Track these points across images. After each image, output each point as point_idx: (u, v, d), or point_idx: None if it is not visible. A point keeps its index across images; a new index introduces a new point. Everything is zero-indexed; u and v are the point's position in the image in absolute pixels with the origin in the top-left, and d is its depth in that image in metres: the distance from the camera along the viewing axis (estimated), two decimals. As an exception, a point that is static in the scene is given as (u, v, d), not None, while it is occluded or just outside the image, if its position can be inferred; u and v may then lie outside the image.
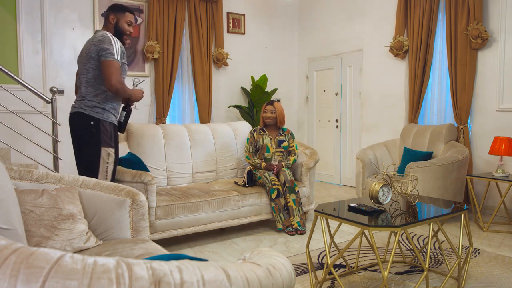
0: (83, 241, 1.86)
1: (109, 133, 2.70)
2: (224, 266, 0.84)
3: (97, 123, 2.65)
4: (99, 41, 2.64)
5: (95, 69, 2.66)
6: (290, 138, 4.04)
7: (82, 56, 2.72)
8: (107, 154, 2.67)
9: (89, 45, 2.68)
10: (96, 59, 2.65)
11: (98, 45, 2.63)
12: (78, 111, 2.67)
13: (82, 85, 2.70)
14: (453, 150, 4.07)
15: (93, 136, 2.64)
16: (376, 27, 5.50)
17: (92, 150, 2.65)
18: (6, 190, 1.48)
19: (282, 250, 3.23)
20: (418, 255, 2.18)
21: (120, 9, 2.85)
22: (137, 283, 0.70)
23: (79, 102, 2.69)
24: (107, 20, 2.82)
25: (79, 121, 2.67)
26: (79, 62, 2.78)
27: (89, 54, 2.66)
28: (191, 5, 5.55)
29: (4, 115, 4.11)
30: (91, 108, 2.66)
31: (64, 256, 0.70)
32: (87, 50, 2.68)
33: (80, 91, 2.72)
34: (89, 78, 2.67)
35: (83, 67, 2.70)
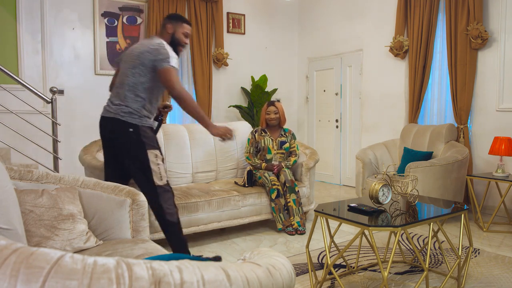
0: (83, 241, 1.86)
1: (150, 136, 2.64)
2: (224, 266, 0.84)
3: (136, 129, 2.58)
4: (155, 49, 2.57)
5: (142, 75, 2.58)
6: (291, 139, 4.04)
7: (132, 56, 2.61)
8: (155, 156, 2.61)
9: (143, 49, 2.59)
10: (147, 66, 2.57)
11: (153, 53, 2.56)
12: (115, 117, 2.57)
13: (123, 87, 2.60)
14: (453, 150, 4.07)
15: (135, 142, 2.57)
16: (376, 27, 5.50)
17: (139, 156, 2.58)
18: (6, 190, 1.48)
19: (282, 250, 3.23)
20: (418, 255, 2.18)
21: (178, 19, 2.79)
22: (137, 283, 0.70)
23: (116, 108, 2.58)
24: (163, 29, 2.76)
25: (117, 128, 2.58)
26: (124, 61, 2.67)
27: (141, 59, 2.57)
28: (191, 5, 5.55)
29: (4, 115, 4.11)
30: (129, 114, 2.57)
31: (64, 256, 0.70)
32: (139, 54, 2.58)
33: (118, 92, 2.61)
34: (132, 83, 2.59)
35: (129, 69, 2.60)
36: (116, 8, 5.18)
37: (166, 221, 2.63)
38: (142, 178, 2.60)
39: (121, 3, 5.21)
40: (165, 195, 2.61)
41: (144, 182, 2.59)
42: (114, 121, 2.58)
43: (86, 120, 5.04)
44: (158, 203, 2.59)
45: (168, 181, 2.69)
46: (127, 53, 2.70)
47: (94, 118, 5.06)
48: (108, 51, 5.17)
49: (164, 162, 2.71)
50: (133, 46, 2.72)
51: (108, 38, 5.16)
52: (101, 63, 5.13)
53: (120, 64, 2.72)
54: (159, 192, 2.58)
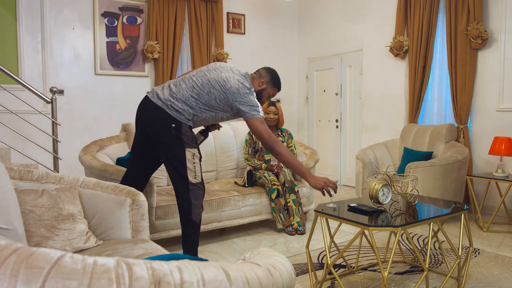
0: (83, 241, 1.86)
1: (190, 135, 2.61)
2: (224, 266, 0.84)
3: (179, 125, 2.54)
4: (240, 88, 2.55)
5: (214, 99, 2.55)
6: (288, 139, 4.04)
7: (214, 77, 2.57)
8: (192, 155, 2.58)
9: (231, 83, 2.55)
10: (227, 103, 2.56)
11: (237, 95, 2.54)
12: (162, 107, 2.52)
13: (192, 92, 2.55)
14: (453, 150, 4.07)
15: (174, 139, 2.54)
16: (376, 27, 5.50)
17: (177, 152, 2.55)
18: (6, 190, 1.48)
19: (282, 250, 3.23)
20: (418, 255, 2.18)
21: (275, 83, 2.81)
22: (137, 283, 0.70)
23: (167, 100, 2.53)
24: (258, 79, 2.75)
25: (160, 118, 2.53)
26: (207, 72, 2.62)
27: (224, 91, 2.54)
28: (191, 5, 5.55)
29: (4, 115, 4.11)
30: (176, 112, 2.53)
31: (64, 256, 0.70)
32: (225, 82, 2.55)
33: (180, 90, 2.56)
34: (203, 97, 2.55)
35: (210, 85, 2.55)
36: (116, 8, 5.18)
37: (191, 220, 2.59)
38: (176, 175, 2.57)
39: (121, 3, 5.21)
40: (197, 192, 2.59)
41: (178, 178, 2.57)
42: (158, 110, 2.53)
43: (86, 120, 5.05)
44: (188, 199, 2.55)
45: (203, 181, 2.66)
46: (210, 67, 2.65)
47: (94, 118, 5.09)
48: (108, 51, 5.17)
49: (201, 161, 2.69)
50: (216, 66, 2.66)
51: (108, 38, 5.16)
52: (101, 63, 5.13)
53: (204, 69, 2.67)
54: (191, 188, 2.56)
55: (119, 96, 5.22)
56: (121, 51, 5.24)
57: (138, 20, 5.35)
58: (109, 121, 5.08)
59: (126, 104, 5.19)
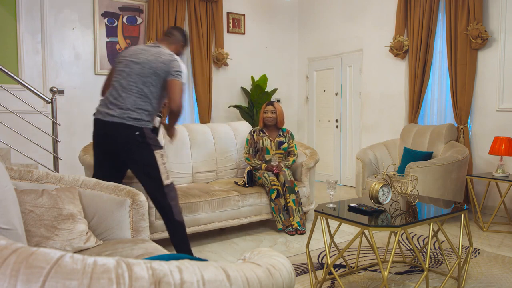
0: (83, 241, 1.86)
1: (153, 137, 2.66)
2: (224, 266, 0.84)
3: (142, 131, 2.59)
4: (169, 60, 2.63)
5: (154, 85, 2.61)
6: (289, 139, 4.04)
7: (139, 64, 2.61)
8: (161, 156, 2.63)
9: (156, 59, 2.61)
10: (161, 77, 2.61)
11: (168, 65, 2.62)
12: (121, 122, 2.55)
13: (130, 92, 2.58)
14: (453, 150, 4.07)
15: (141, 144, 2.58)
16: (376, 27, 5.50)
17: (146, 157, 2.59)
18: (6, 190, 1.48)
19: (282, 250, 3.23)
20: (418, 255, 2.18)
21: (187, 42, 2.94)
22: (137, 283, 0.70)
23: (121, 112, 2.56)
24: (175, 44, 2.84)
25: (123, 132, 2.56)
26: (126, 64, 2.64)
27: (155, 69, 2.60)
28: (191, 5, 5.55)
29: (4, 115, 4.11)
30: (136, 120, 2.58)
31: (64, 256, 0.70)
32: (151, 63, 2.60)
33: (122, 96, 2.59)
34: (146, 92, 2.60)
35: (140, 76, 2.59)
36: (116, 8, 5.18)
37: (175, 222, 2.63)
38: (149, 179, 2.61)
39: (121, 3, 5.21)
40: (172, 193, 2.64)
41: (151, 183, 2.60)
42: (119, 126, 2.55)
43: (86, 120, 5.03)
44: (166, 203, 2.60)
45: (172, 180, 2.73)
46: (130, 57, 2.67)
47: (94, 118, 5.08)
48: (108, 51, 5.17)
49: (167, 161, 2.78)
50: (135, 50, 2.70)
51: (108, 38, 5.16)
52: (101, 63, 5.13)
53: (120, 67, 2.68)
54: (166, 191, 2.60)
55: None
56: (121, 51, 5.24)
57: (138, 20, 5.35)
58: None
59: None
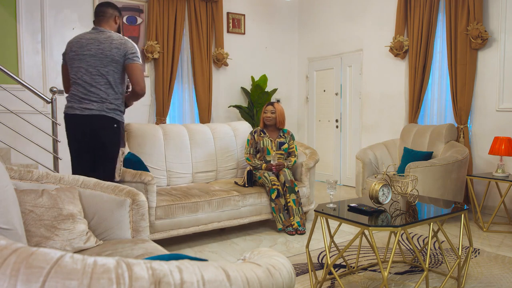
0: (83, 241, 1.86)
1: (124, 133, 2.77)
2: (224, 266, 0.84)
3: (119, 125, 2.65)
4: (121, 43, 2.62)
5: (116, 72, 2.63)
6: (290, 140, 4.04)
7: (93, 55, 2.62)
8: (122, 153, 2.74)
9: (108, 46, 2.60)
10: (119, 62, 2.62)
11: (122, 49, 2.61)
12: (99, 114, 2.59)
13: (99, 86, 2.62)
14: (453, 150, 4.07)
15: (116, 138, 2.64)
16: (376, 27, 5.50)
17: (114, 151, 2.66)
18: (6, 190, 1.48)
19: (282, 250, 3.23)
20: (418, 255, 2.18)
21: (120, 12, 2.86)
22: (137, 283, 0.70)
23: (99, 105, 2.60)
24: (111, 19, 2.76)
25: (102, 123, 2.60)
26: (81, 59, 2.66)
27: (111, 57, 2.60)
28: (191, 5, 5.55)
29: (4, 115, 4.11)
30: (113, 111, 2.63)
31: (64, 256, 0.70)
32: (105, 51, 2.60)
33: (95, 91, 2.62)
34: (111, 81, 2.63)
35: (99, 68, 2.61)
36: (116, 8, 5.18)
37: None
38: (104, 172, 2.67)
39: (121, 3, 5.20)
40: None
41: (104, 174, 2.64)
42: (99, 117, 2.61)
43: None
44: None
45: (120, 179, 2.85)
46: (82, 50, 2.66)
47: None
48: (108, 51, 5.16)
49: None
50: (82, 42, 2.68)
51: (108, 38, 5.16)
52: (101, 63, 5.12)
53: (75, 64, 2.68)
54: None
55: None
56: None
57: (138, 20, 5.34)
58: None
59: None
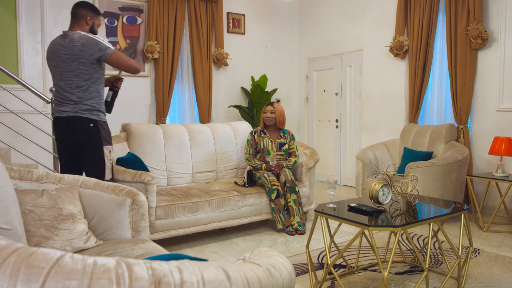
0: (83, 241, 1.86)
1: (107, 132, 2.82)
2: (224, 266, 0.84)
3: (96, 124, 2.72)
4: (83, 44, 2.62)
5: (85, 73, 2.66)
6: (290, 140, 4.04)
7: (62, 60, 2.67)
8: (109, 152, 2.78)
9: (72, 50, 2.63)
10: (86, 63, 2.64)
11: (85, 49, 2.62)
12: (74, 115, 2.68)
13: (72, 90, 2.68)
14: (453, 150, 4.07)
15: (94, 138, 2.70)
16: (376, 27, 5.50)
17: (96, 151, 2.72)
18: (6, 190, 1.48)
19: (282, 250, 3.23)
20: (418, 255, 2.18)
21: (96, 11, 2.83)
22: (137, 283, 0.70)
23: (73, 107, 2.68)
24: (82, 20, 2.76)
25: (77, 125, 2.69)
26: (54, 65, 2.72)
27: (77, 60, 2.63)
28: (191, 5, 5.55)
29: (4, 115, 4.11)
30: (88, 111, 2.70)
31: (64, 256, 0.70)
32: (71, 56, 2.64)
33: (69, 96, 2.69)
34: (82, 84, 2.68)
35: (69, 72, 2.67)
36: (116, 8, 5.18)
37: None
38: (94, 171, 2.71)
39: (121, 3, 5.21)
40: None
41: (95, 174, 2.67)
42: (74, 119, 2.68)
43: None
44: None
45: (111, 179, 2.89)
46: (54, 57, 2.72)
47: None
48: (108, 51, 5.16)
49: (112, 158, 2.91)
50: (54, 48, 2.72)
51: (108, 38, 5.16)
52: (101, 63, 5.13)
53: (52, 70, 2.76)
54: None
55: (119, 96, 5.19)
56: (121, 51, 5.24)
57: (138, 20, 5.34)
58: (109, 121, 5.05)
59: (126, 104, 5.19)
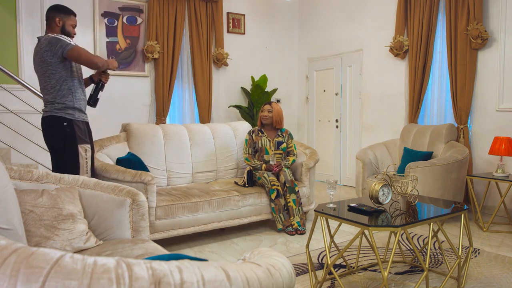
0: (83, 241, 1.86)
1: (83, 131, 2.82)
2: (224, 266, 0.84)
3: (70, 123, 2.74)
4: (47, 44, 2.67)
5: (55, 73, 2.70)
6: (288, 139, 4.04)
7: (37, 65, 2.75)
8: (84, 150, 2.78)
9: (40, 53, 2.70)
10: (53, 63, 2.68)
11: (50, 49, 2.66)
12: (50, 114, 2.73)
13: (49, 92, 2.75)
14: (453, 150, 4.07)
15: (68, 136, 2.73)
16: (376, 27, 5.50)
17: (70, 149, 2.74)
18: (6, 190, 1.48)
19: (282, 250, 3.23)
20: (418, 255, 2.18)
21: (66, 12, 2.84)
22: (137, 283, 0.70)
23: (50, 106, 2.75)
24: (52, 22, 2.80)
25: (52, 123, 2.74)
26: (36, 71, 2.81)
27: (45, 61, 2.68)
28: (191, 5, 5.55)
29: (4, 115, 4.11)
30: (62, 110, 2.73)
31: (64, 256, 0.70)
32: (40, 58, 2.70)
33: (48, 97, 2.77)
34: (53, 83, 2.72)
35: (42, 75, 2.74)
36: (116, 8, 5.18)
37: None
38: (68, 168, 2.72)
39: (121, 3, 5.21)
40: None
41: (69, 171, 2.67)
42: (49, 119, 2.74)
43: (86, 120, 5.03)
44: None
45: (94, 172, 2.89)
46: (34, 64, 2.80)
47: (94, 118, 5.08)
48: (108, 51, 5.16)
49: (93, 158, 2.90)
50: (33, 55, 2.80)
51: (108, 38, 5.16)
52: (101, 63, 5.12)
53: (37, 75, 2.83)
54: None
55: (119, 96, 5.21)
56: (121, 51, 5.24)
57: (138, 20, 5.34)
58: (109, 121, 5.08)
59: (126, 104, 5.19)
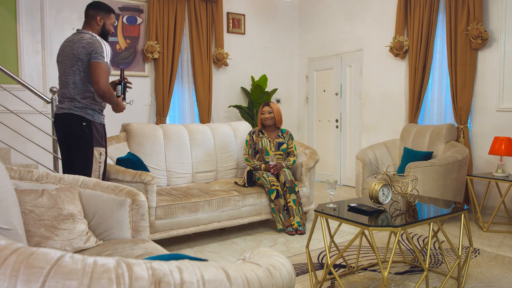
0: (83, 241, 1.86)
1: (100, 133, 2.78)
2: (224, 266, 0.84)
3: (89, 124, 2.70)
4: (88, 43, 2.65)
5: (82, 71, 2.67)
6: (289, 139, 4.04)
7: (67, 56, 2.71)
8: (99, 154, 2.75)
9: (77, 46, 2.67)
10: (85, 61, 2.66)
11: (88, 47, 2.64)
12: (68, 112, 2.68)
13: (69, 86, 2.71)
14: (453, 150, 4.07)
15: (85, 137, 2.69)
16: (376, 27, 5.50)
17: (85, 151, 2.70)
18: (6, 190, 1.48)
19: (282, 250, 3.23)
20: (418, 255, 2.18)
21: (107, 10, 2.84)
22: (137, 283, 0.70)
23: (68, 104, 2.70)
24: (92, 20, 2.79)
25: (70, 122, 2.69)
26: (60, 61, 2.76)
27: (77, 56, 2.66)
28: (191, 5, 5.55)
29: (4, 115, 4.11)
30: (82, 109, 2.69)
31: (64, 256, 0.70)
32: (73, 51, 2.67)
33: (66, 92, 2.72)
34: (77, 80, 2.69)
35: (68, 68, 2.70)
36: (116, 8, 5.18)
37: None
38: (80, 168, 2.69)
39: (121, 3, 5.20)
40: None
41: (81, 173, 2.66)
42: (67, 116, 2.69)
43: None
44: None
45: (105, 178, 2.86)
46: (61, 54, 2.76)
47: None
48: (108, 51, 5.16)
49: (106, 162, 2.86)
50: (64, 44, 2.77)
51: (108, 38, 5.16)
52: (101, 63, 5.12)
53: (58, 66, 2.79)
54: None
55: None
56: (121, 51, 5.24)
57: (138, 20, 5.34)
58: (109, 121, 5.05)
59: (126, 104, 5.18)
